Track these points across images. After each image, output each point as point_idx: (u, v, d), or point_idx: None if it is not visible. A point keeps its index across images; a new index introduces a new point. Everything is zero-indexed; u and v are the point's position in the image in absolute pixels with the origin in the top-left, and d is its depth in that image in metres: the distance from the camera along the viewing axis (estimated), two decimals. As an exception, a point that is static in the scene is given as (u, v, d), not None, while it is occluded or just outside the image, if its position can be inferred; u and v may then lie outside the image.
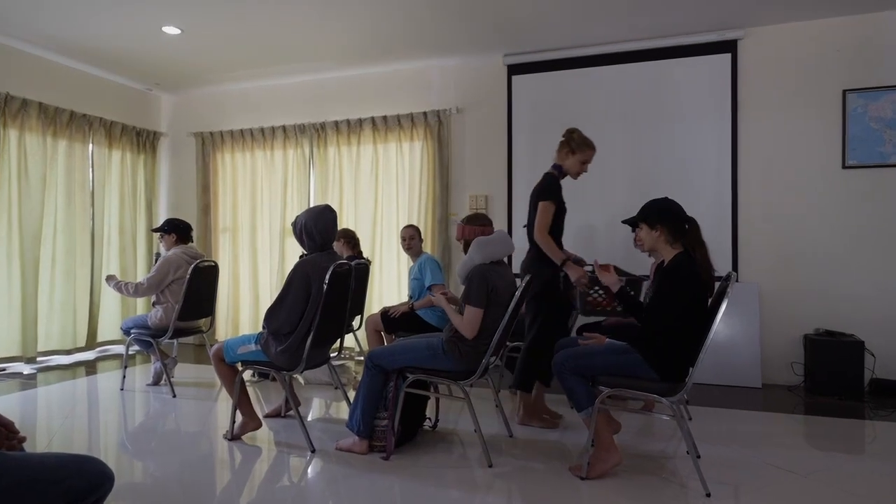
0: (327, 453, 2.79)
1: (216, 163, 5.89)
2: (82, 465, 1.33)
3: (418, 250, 4.16)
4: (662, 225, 2.44)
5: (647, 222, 2.47)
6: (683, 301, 2.33)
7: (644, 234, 2.50)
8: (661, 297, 2.38)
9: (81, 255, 5.19)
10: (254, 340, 2.85)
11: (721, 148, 4.36)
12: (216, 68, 5.30)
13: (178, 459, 2.72)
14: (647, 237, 2.49)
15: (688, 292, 2.34)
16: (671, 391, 2.35)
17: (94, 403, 3.73)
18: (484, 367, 2.67)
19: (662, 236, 2.45)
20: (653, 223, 2.46)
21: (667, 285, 2.37)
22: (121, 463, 2.67)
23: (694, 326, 2.34)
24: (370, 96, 5.35)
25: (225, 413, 3.47)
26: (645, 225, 2.48)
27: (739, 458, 2.73)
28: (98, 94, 5.50)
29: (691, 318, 2.34)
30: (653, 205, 2.49)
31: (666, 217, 2.45)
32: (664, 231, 2.44)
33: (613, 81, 4.63)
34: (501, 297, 2.65)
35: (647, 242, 2.50)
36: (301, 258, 2.82)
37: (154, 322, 3.86)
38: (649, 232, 2.47)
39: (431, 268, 3.97)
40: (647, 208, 2.49)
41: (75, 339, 5.11)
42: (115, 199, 5.55)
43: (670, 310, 2.34)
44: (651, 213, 2.47)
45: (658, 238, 2.46)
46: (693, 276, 2.35)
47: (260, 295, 5.65)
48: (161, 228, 4.03)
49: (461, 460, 2.72)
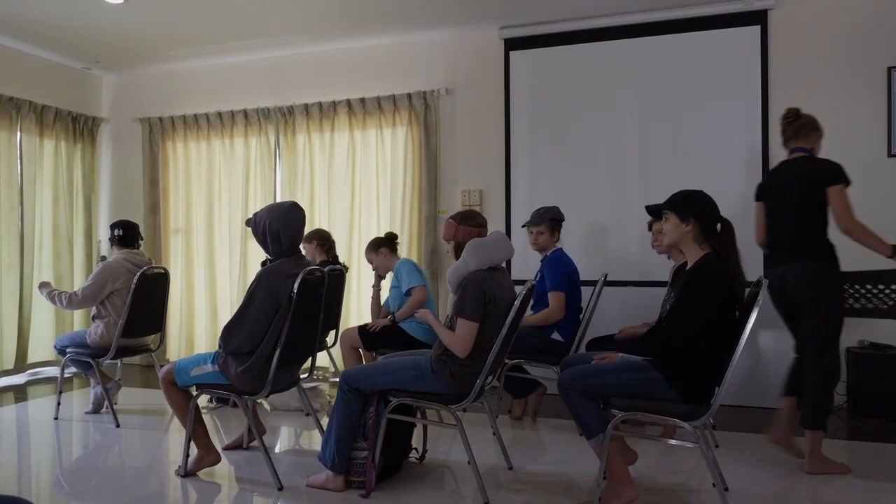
0: (297, 491, 2.77)
1: (166, 153, 5.86)
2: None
3: (387, 267, 4.16)
4: (695, 219, 2.45)
5: (678, 213, 2.48)
6: (712, 308, 2.35)
7: (670, 226, 2.51)
8: (686, 303, 2.39)
9: (8, 261, 5.14)
10: (210, 360, 2.83)
11: (749, 134, 4.40)
12: (166, 43, 5.27)
13: (122, 500, 2.69)
14: (673, 230, 2.50)
15: (716, 298, 2.35)
16: (695, 414, 2.36)
17: (24, 435, 3.69)
18: (479, 389, 2.67)
19: (692, 232, 2.46)
20: (684, 215, 2.47)
21: (693, 289, 2.38)
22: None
23: (721, 340, 2.36)
24: (345, 75, 5.35)
25: (177, 445, 3.44)
26: (674, 215, 2.49)
27: (773, 492, 2.75)
28: (27, 74, 5.45)
29: (719, 330, 2.36)
30: (686, 195, 2.51)
31: (700, 210, 2.46)
32: (696, 226, 2.45)
33: (626, 58, 4.65)
34: (499, 309, 2.66)
35: (672, 236, 2.51)
36: (264, 265, 2.81)
37: (94, 339, 3.83)
38: (678, 224, 2.48)
39: (407, 270, 3.98)
40: (679, 197, 2.51)
41: (1, 360, 5.06)
42: (48, 197, 5.50)
43: (696, 318, 2.35)
44: (683, 204, 2.48)
45: (687, 233, 2.47)
46: (724, 279, 2.37)
47: (218, 307, 5.62)
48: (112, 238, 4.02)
49: (453, 497, 2.72)
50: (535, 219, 3.85)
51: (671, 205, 2.51)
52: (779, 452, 3.24)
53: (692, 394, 2.37)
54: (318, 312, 3.04)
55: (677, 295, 2.51)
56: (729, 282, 2.38)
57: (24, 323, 5.21)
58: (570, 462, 3.15)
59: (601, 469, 2.43)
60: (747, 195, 4.39)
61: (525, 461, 3.15)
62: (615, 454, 2.46)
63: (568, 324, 3.70)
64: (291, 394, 4.01)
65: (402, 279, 3.97)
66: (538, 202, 4.67)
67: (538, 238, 3.83)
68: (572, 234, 4.60)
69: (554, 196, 4.71)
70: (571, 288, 3.74)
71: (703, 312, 2.35)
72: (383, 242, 4.18)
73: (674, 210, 2.50)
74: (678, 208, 2.49)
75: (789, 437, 3.15)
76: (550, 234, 3.83)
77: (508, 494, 2.73)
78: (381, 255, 4.15)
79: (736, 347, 2.29)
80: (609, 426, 2.41)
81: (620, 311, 4.38)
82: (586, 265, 4.29)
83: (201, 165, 5.74)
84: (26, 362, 5.25)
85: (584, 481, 2.87)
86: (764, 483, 2.83)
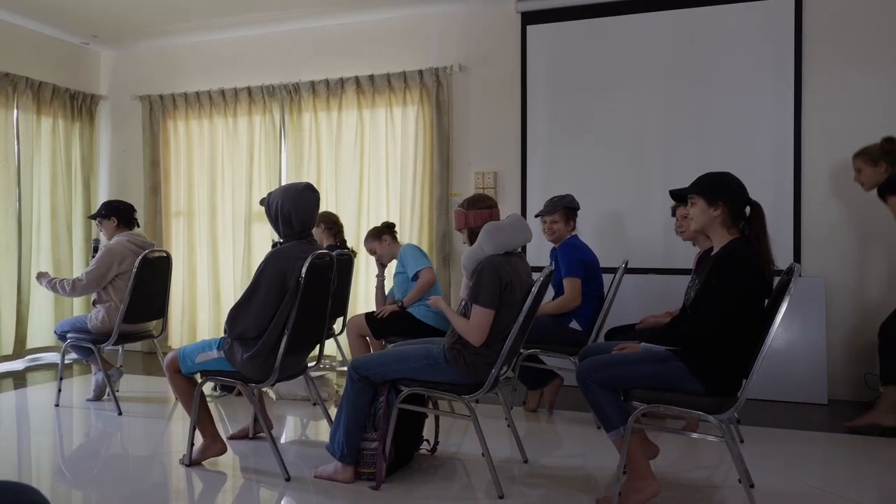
0: (305, 482, 2.80)
1: (167, 132, 5.87)
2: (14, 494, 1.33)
3: (392, 254, 4.16)
4: (724, 203, 2.43)
5: (706, 197, 2.46)
6: (740, 294, 2.33)
7: (698, 210, 2.48)
8: (713, 290, 2.37)
9: (7, 244, 5.19)
10: (215, 346, 2.85)
11: (780, 113, 4.34)
12: (167, 17, 5.26)
13: (125, 489, 2.73)
14: (700, 215, 2.48)
15: (745, 283, 2.34)
16: (720, 408, 2.35)
17: (24, 422, 3.74)
18: (493, 380, 2.68)
19: (721, 216, 2.44)
20: (713, 199, 2.45)
21: (720, 275, 2.37)
22: (57, 494, 2.68)
23: (749, 329, 2.35)
24: (354, 51, 5.32)
25: (181, 434, 3.48)
26: (702, 200, 2.47)
27: (800, 490, 2.74)
28: (23, 49, 5.47)
29: (747, 318, 2.35)
30: (714, 177, 2.49)
31: (730, 194, 2.44)
32: (724, 211, 2.43)
33: (650, 32, 4.60)
34: (516, 296, 2.66)
35: (700, 221, 2.49)
36: (274, 247, 2.82)
37: (95, 325, 3.87)
38: (706, 209, 2.46)
39: (412, 254, 3.99)
40: (707, 180, 2.49)
41: (0, 345, 5.12)
42: (46, 177, 5.54)
43: (723, 306, 2.33)
44: (711, 187, 2.46)
45: (715, 218, 2.45)
46: (753, 264, 2.35)
47: (222, 292, 5.66)
48: (98, 214, 4.04)
49: (465, 490, 2.74)
50: (549, 207, 3.83)
51: (698, 188, 2.49)
52: (808, 448, 3.23)
53: (717, 386, 2.36)
54: (327, 298, 3.05)
55: (703, 281, 2.49)
56: (759, 267, 2.36)
57: (23, 308, 5.27)
58: (588, 456, 3.16)
59: (621, 463, 2.43)
60: (777, 178, 4.36)
61: (540, 454, 3.16)
62: (636, 448, 2.46)
63: (587, 312, 3.69)
64: (298, 383, 4.04)
65: (408, 263, 3.97)
66: (555, 185, 4.65)
67: (553, 228, 3.81)
68: (591, 220, 4.58)
69: (572, 179, 4.68)
70: (589, 275, 3.73)
71: (730, 299, 2.33)
72: (384, 230, 4.18)
73: (701, 194, 2.47)
74: (706, 192, 2.46)
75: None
76: (565, 223, 3.81)
77: (523, 488, 2.74)
78: (384, 243, 4.16)
79: (765, 338, 2.28)
80: (630, 419, 2.41)
81: (642, 300, 4.37)
82: (606, 252, 4.28)
83: (203, 145, 5.75)
84: (25, 348, 5.32)
85: (603, 476, 2.88)
86: (791, 480, 2.83)
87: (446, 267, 4.99)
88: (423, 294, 3.87)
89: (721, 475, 2.91)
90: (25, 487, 1.37)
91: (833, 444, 3.36)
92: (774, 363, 4.14)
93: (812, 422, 3.71)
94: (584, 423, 3.66)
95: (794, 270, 2.37)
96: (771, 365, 4.12)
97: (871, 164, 3.60)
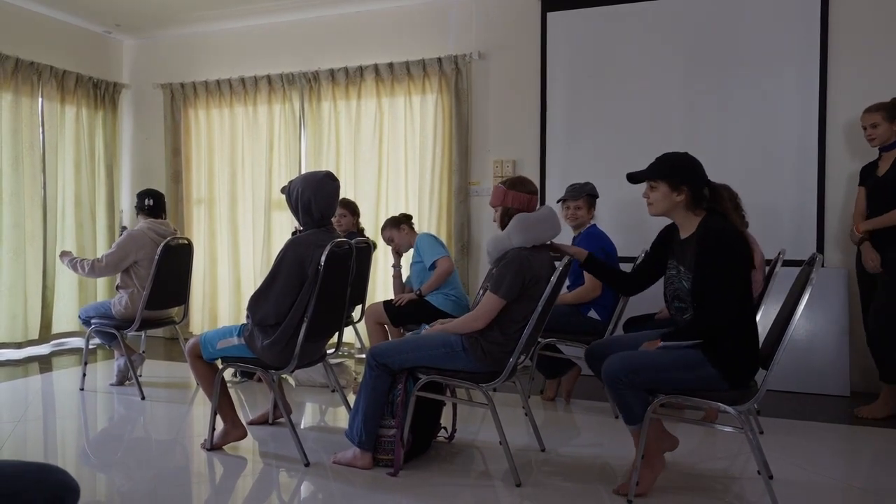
0: (323, 468, 2.83)
1: (188, 120, 5.92)
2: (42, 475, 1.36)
3: (409, 243, 4.17)
4: (688, 186, 2.40)
5: (670, 181, 2.42)
6: (740, 275, 2.31)
7: (660, 195, 2.44)
8: (714, 276, 2.31)
9: (32, 229, 5.27)
10: (236, 333, 2.89)
11: (806, 100, 4.27)
12: (188, 5, 5.29)
13: (148, 472, 2.78)
14: (663, 200, 2.44)
15: (742, 261, 2.32)
16: (739, 399, 2.34)
17: (50, 406, 3.82)
18: (511, 368, 2.69)
19: (685, 200, 2.41)
20: (676, 183, 2.41)
21: (716, 257, 2.30)
22: (82, 476, 2.74)
23: (750, 310, 2.33)
24: (373, 39, 5.31)
25: (202, 419, 3.54)
26: (665, 184, 2.43)
27: (820, 482, 2.72)
28: (48, 39, 5.53)
29: (751, 297, 2.33)
30: (675, 159, 2.45)
31: (693, 177, 2.41)
32: (688, 194, 2.40)
33: (671, 19, 4.53)
34: (541, 288, 2.65)
35: (662, 207, 2.45)
36: (294, 235, 2.84)
37: (118, 311, 3.93)
38: (668, 194, 2.42)
39: (428, 243, 3.98)
40: (667, 163, 2.44)
41: (26, 330, 5.22)
42: (70, 164, 5.62)
43: (730, 290, 2.29)
44: (674, 170, 2.42)
45: (678, 203, 2.42)
46: (731, 237, 2.32)
47: (242, 279, 5.71)
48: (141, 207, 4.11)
49: (483, 478, 2.75)
50: (573, 193, 3.82)
51: (659, 173, 2.44)
52: (829, 440, 3.20)
53: (737, 374, 2.34)
54: (346, 285, 3.07)
55: (697, 267, 2.38)
56: (738, 237, 2.34)
57: (48, 293, 5.36)
58: (605, 445, 3.16)
59: (639, 453, 2.43)
60: (801, 167, 4.29)
61: (558, 443, 3.16)
62: (652, 437, 2.45)
63: (607, 301, 3.67)
64: (317, 370, 4.08)
65: (425, 253, 3.97)
66: (575, 174, 4.62)
67: (577, 214, 3.81)
68: (609, 208, 4.55)
69: (592, 167, 4.65)
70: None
71: (733, 284, 2.30)
72: (403, 219, 4.19)
73: (664, 178, 2.43)
74: (669, 176, 2.42)
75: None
76: (588, 210, 3.81)
77: (540, 477, 2.75)
78: (403, 232, 4.17)
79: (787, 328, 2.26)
80: (648, 409, 2.40)
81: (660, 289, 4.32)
82: (625, 241, 4.25)
83: (224, 133, 5.79)
84: (51, 332, 5.42)
85: (620, 465, 2.87)
86: (811, 472, 2.80)
87: (465, 255, 4.99)
88: (441, 282, 3.88)
89: (740, 466, 2.89)
90: (53, 468, 1.41)
91: (855, 436, 3.32)
92: (796, 354, 4.10)
93: (834, 414, 3.67)
94: (601, 413, 3.66)
95: (816, 261, 2.34)
96: (792, 356, 4.08)
97: (889, 121, 3.57)
